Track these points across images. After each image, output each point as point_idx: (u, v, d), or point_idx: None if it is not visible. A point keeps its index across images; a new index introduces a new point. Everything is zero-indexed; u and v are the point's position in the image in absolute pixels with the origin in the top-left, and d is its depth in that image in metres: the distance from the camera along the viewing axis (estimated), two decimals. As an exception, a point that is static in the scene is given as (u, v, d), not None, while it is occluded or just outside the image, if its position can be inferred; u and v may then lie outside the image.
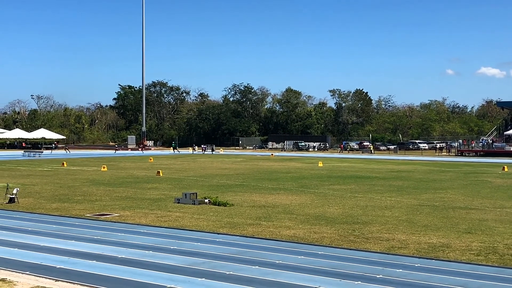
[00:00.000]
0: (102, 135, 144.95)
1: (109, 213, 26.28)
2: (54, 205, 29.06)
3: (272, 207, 28.20)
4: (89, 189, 36.59)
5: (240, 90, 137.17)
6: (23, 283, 14.54)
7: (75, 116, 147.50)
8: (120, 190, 35.99)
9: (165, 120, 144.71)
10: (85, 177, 45.88)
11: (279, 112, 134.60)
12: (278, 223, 23.67)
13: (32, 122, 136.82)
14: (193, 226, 22.95)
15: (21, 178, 43.80)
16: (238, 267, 16.17)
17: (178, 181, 42.07)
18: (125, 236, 20.83)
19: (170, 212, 26.49)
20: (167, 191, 35.44)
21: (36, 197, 32.03)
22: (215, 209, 27.39)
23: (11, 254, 17.72)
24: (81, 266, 16.28)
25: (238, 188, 37.32)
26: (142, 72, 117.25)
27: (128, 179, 43.74)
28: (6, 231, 21.64)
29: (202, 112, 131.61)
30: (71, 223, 23.81)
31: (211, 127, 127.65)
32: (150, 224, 23.36)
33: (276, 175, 47.94)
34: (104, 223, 23.74)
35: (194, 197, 29.34)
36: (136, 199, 31.50)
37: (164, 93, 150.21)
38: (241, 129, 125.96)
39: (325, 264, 16.66)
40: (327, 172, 52.22)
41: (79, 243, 19.51)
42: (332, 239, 20.45)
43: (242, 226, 22.95)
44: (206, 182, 41.63)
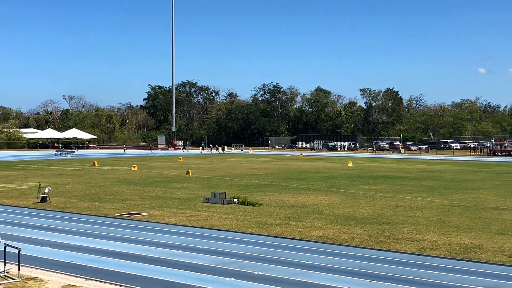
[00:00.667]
0: (132, 135, 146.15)
1: (139, 212, 26.46)
2: (85, 204, 29.37)
3: (301, 207, 28.09)
4: (119, 188, 36.90)
5: (269, 89, 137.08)
6: (54, 282, 14.70)
7: (106, 116, 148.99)
8: (150, 189, 36.23)
9: (194, 120, 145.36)
10: (116, 176, 46.29)
11: (309, 112, 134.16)
12: (307, 223, 23.57)
13: (64, 122, 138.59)
14: (222, 225, 22.97)
15: (53, 178, 44.37)
16: (266, 267, 16.13)
17: (207, 181, 42.19)
18: (154, 235, 20.94)
19: (199, 212, 26.56)
20: (196, 190, 35.56)
21: (68, 196, 32.40)
22: (244, 209, 27.39)
23: (42, 252, 17.93)
24: (111, 265, 16.40)
25: (267, 188, 37.28)
26: (172, 72, 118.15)
27: (158, 179, 44.01)
28: (38, 230, 21.93)
29: (231, 111, 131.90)
30: (102, 222, 24.02)
31: (240, 127, 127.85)
32: (179, 224, 23.45)
33: (305, 175, 47.77)
34: (134, 222, 23.90)
35: (223, 197, 29.38)
36: (166, 198, 31.66)
37: (193, 93, 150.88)
38: (270, 129, 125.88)
39: (355, 264, 16.53)
40: (357, 172, 51.89)
41: (109, 242, 19.67)
42: (362, 239, 20.29)
43: (271, 226, 22.90)
44: (235, 181, 41.67)
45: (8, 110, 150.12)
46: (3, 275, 15.12)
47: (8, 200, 30.82)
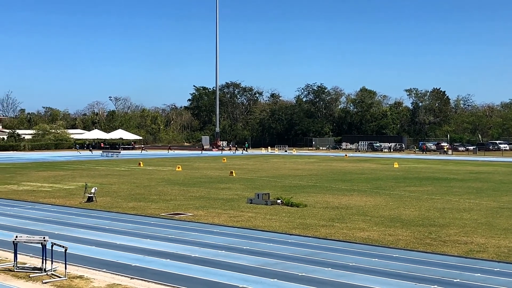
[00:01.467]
0: (177, 135, 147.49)
1: (183, 213, 26.62)
2: (130, 204, 29.71)
3: (346, 209, 27.85)
4: (164, 188, 37.22)
5: (313, 90, 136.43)
6: (99, 280, 14.87)
7: (151, 117, 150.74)
8: (194, 190, 36.44)
9: (238, 121, 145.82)
10: (161, 177, 46.73)
11: (353, 112, 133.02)
12: (352, 224, 23.33)
13: (110, 123, 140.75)
14: (265, 226, 22.93)
15: (99, 178, 45.06)
16: (310, 269, 16.01)
17: (251, 182, 42.22)
18: (198, 235, 21.03)
19: (242, 212, 26.58)
20: (240, 191, 35.60)
21: (113, 196, 32.83)
22: (287, 210, 27.29)
23: (88, 251, 18.18)
24: (155, 264, 16.52)
25: (311, 189, 37.09)
26: (216, 73, 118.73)
27: (202, 179, 44.25)
28: (84, 229, 22.26)
29: (274, 112, 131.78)
30: (147, 222, 24.25)
31: (284, 128, 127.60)
32: (223, 224, 23.50)
33: (350, 176, 47.38)
34: (178, 222, 24.06)
35: (267, 198, 29.33)
36: (210, 199, 31.79)
37: (237, 94, 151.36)
38: (314, 130, 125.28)
39: (400, 267, 16.27)
40: (402, 173, 51.21)
41: (154, 241, 19.83)
42: (408, 241, 19.98)
43: (315, 227, 22.75)
44: (279, 182, 41.58)
45: (56, 111, 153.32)
46: (50, 273, 15.37)
47: (55, 200, 31.41)
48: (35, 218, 25.08)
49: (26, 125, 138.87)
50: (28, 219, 24.94)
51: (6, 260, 16.76)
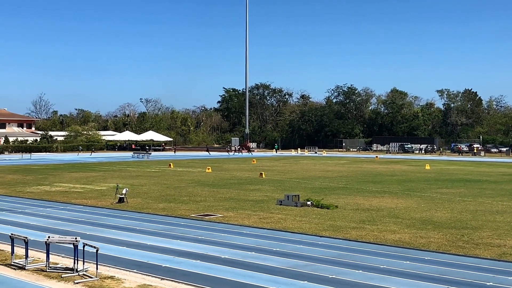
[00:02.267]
0: (207, 137, 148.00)
1: (213, 214, 26.68)
2: (161, 205, 29.88)
3: (377, 211, 27.62)
4: (194, 190, 37.37)
5: (343, 91, 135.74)
6: (130, 281, 14.96)
7: (181, 119, 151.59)
8: (223, 191, 36.51)
9: (268, 122, 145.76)
10: (191, 178, 46.94)
11: (384, 114, 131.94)
12: (383, 227, 23.13)
13: (141, 124, 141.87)
14: (295, 228, 22.85)
15: (130, 179, 45.43)
16: (340, 271, 15.91)
17: (281, 183, 42.15)
18: (228, 236, 21.05)
19: (272, 214, 26.53)
20: (270, 192, 35.57)
21: (144, 197, 33.06)
22: (317, 212, 27.18)
23: (119, 252, 18.32)
24: (185, 265, 16.57)
25: (341, 190, 36.88)
26: (245, 75, 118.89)
27: (232, 181, 44.32)
28: (115, 230, 22.45)
29: (304, 114, 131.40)
30: (177, 223, 24.36)
31: (313, 129, 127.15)
32: (252, 225, 23.49)
33: (381, 178, 47.01)
34: (208, 224, 24.11)
35: (297, 199, 29.25)
36: (239, 200, 31.81)
37: (267, 95, 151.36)
38: (345, 131, 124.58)
39: (432, 270, 16.07)
40: (434, 175, 50.64)
41: (184, 242, 19.90)
42: (440, 244, 19.74)
43: (345, 229, 22.61)
44: (309, 184, 41.44)
45: (88, 113, 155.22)
46: (82, 273, 15.52)
47: (87, 201, 31.75)
48: (67, 219, 25.38)
49: (59, 127, 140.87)
50: (60, 219, 25.25)
51: (38, 260, 16.97)
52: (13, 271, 16.00)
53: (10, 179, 46.15)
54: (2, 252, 18.31)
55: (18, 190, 37.60)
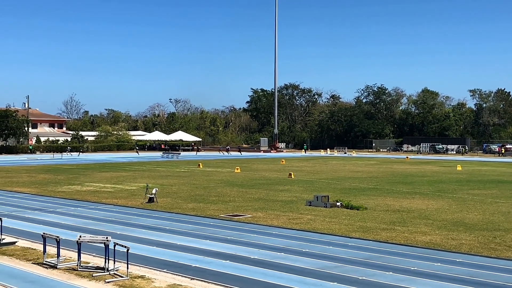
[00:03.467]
0: (235, 137, 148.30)
1: (242, 214, 26.70)
2: (190, 205, 30.00)
3: (407, 212, 27.36)
4: (223, 190, 37.45)
5: (373, 91, 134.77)
6: (160, 281, 15.04)
7: (210, 119, 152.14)
8: (252, 191, 36.52)
9: (297, 122, 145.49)
10: (220, 178, 47.05)
11: (415, 114, 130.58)
12: (413, 228, 22.90)
13: (171, 124, 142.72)
14: (324, 229, 22.75)
15: (159, 179, 45.71)
16: (370, 272, 15.78)
17: (310, 184, 42.02)
18: (257, 237, 21.04)
19: (301, 215, 26.46)
20: (299, 193, 35.47)
21: (174, 197, 33.23)
22: (347, 213, 27.02)
23: (149, 252, 18.43)
24: (215, 265, 16.60)
25: (371, 191, 36.62)
26: (274, 75, 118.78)
27: (261, 181, 44.31)
28: (145, 230, 22.59)
29: (334, 114, 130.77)
30: (206, 223, 24.42)
31: (343, 129, 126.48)
32: (282, 226, 23.44)
33: (411, 179, 46.57)
34: (237, 224, 24.13)
35: (326, 200, 29.12)
36: (268, 200, 31.79)
37: (296, 95, 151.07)
38: (375, 131, 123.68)
39: (463, 272, 15.86)
40: (466, 176, 50.00)
41: (213, 242, 19.94)
42: (471, 246, 19.47)
43: (375, 230, 22.44)
44: (338, 185, 41.24)
45: (118, 113, 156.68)
46: (113, 273, 15.65)
47: (117, 200, 32.02)
48: (97, 218, 25.63)
49: (89, 127, 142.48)
50: (91, 219, 25.51)
51: (70, 259, 17.16)
52: (45, 270, 16.21)
53: (42, 178, 46.80)
54: (34, 251, 18.57)
55: (50, 189, 38.10)
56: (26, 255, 18.05)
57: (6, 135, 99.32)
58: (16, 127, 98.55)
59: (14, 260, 17.36)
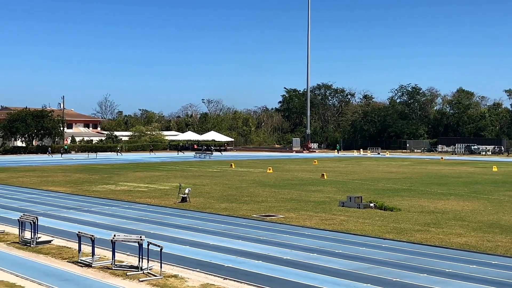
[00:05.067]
0: (268, 137, 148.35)
1: (275, 214, 26.67)
2: (222, 205, 30.08)
3: (442, 213, 27.02)
4: (255, 190, 37.46)
5: (407, 91, 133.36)
6: (193, 280, 15.10)
7: (242, 119, 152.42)
8: (285, 192, 36.46)
9: (329, 123, 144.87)
10: (252, 178, 47.09)
11: (450, 114, 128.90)
12: (448, 230, 22.60)
13: (203, 125, 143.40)
14: (358, 230, 22.60)
15: (192, 179, 45.93)
16: (404, 274, 15.62)
17: (343, 184, 41.78)
18: (289, 237, 20.99)
19: (334, 215, 26.32)
20: (332, 194, 35.30)
21: (206, 197, 33.36)
22: (380, 214, 26.79)
23: (182, 251, 18.53)
24: (247, 265, 16.61)
25: (405, 192, 36.26)
26: (307, 75, 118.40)
27: (293, 181, 44.22)
28: (178, 229, 22.72)
29: (367, 114, 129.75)
30: (238, 223, 24.46)
31: (376, 130, 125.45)
32: (314, 227, 23.35)
33: (446, 180, 45.98)
34: (270, 224, 24.11)
35: (359, 201, 28.92)
36: (301, 201, 31.70)
37: (328, 95, 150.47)
38: (408, 132, 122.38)
39: (499, 274, 15.60)
40: (502, 177, 49.17)
41: (246, 242, 19.95)
42: (507, 248, 19.14)
43: (409, 232, 22.20)
44: (372, 185, 40.93)
45: (151, 113, 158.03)
46: (147, 272, 15.77)
47: (151, 200, 32.27)
48: (131, 218, 25.86)
49: (123, 127, 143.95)
50: (125, 218, 25.75)
51: (104, 258, 17.35)
52: (80, 268, 16.41)
53: (77, 178, 47.43)
54: (70, 249, 18.82)
55: (85, 189, 38.58)
56: (61, 253, 18.30)
57: (42, 135, 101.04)
58: (51, 127, 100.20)
59: (49, 259, 17.62)
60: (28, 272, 15.79)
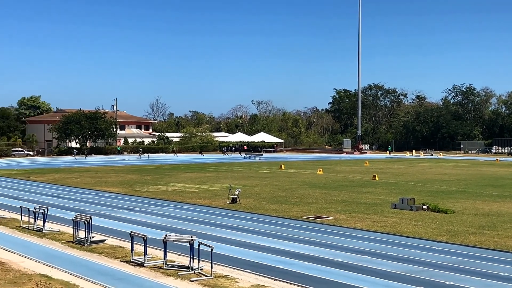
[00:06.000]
0: (318, 138, 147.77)
1: (325, 216, 26.49)
2: (272, 206, 30.05)
3: (497, 216, 26.35)
4: (305, 191, 37.31)
5: (461, 91, 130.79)
6: (244, 281, 15.12)
7: (292, 120, 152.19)
8: (335, 193, 36.20)
9: (381, 124, 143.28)
10: (302, 179, 46.92)
11: (505, 114, 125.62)
12: (504, 232, 22.02)
13: (253, 126, 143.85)
14: (410, 232, 22.23)
15: (242, 180, 46.07)
16: (458, 277, 15.28)
17: (395, 186, 41.22)
18: (340, 239, 20.82)
19: (386, 217, 25.97)
20: (383, 195, 34.87)
21: (256, 198, 33.40)
22: (434, 216, 26.31)
23: (233, 252, 18.58)
24: (298, 267, 16.53)
25: (459, 194, 35.52)
26: (358, 75, 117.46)
27: (344, 183, 43.87)
28: (229, 230, 22.80)
29: (420, 114, 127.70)
30: (289, 224, 24.38)
31: (429, 130, 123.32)
32: (365, 229, 23.09)
33: (502, 182, 44.84)
34: (320, 226, 23.96)
35: (412, 203, 28.46)
36: (352, 203, 31.41)
37: (380, 96, 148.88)
38: (462, 133, 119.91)
39: (560, 280, 15.09)
40: (560, 179, 47.68)
41: (296, 244, 19.87)
42: None
43: (464, 234, 21.72)
44: (424, 187, 40.24)
45: (202, 115, 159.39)
46: (197, 272, 15.87)
47: (201, 201, 32.50)
48: (182, 218, 26.09)
49: (174, 129, 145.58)
50: (176, 218, 26.00)
51: (156, 257, 17.53)
52: (133, 267, 16.63)
53: (129, 178, 48.18)
54: (122, 249, 19.10)
55: (137, 189, 39.15)
56: (114, 252, 18.59)
57: (96, 136, 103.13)
58: (105, 129, 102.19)
59: (103, 258, 17.92)
60: (82, 271, 16.10)
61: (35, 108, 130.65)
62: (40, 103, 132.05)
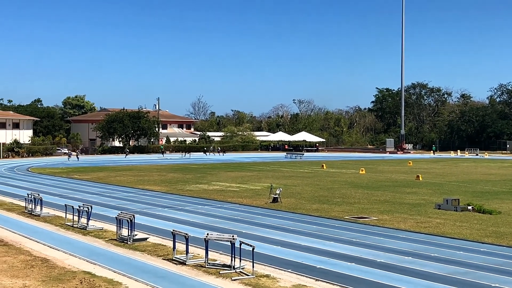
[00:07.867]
0: (360, 138, 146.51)
1: (367, 216, 26.23)
2: (314, 206, 29.90)
3: (545, 217, 25.68)
4: (347, 191, 37.02)
5: (507, 90, 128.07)
6: (285, 280, 15.07)
7: (334, 119, 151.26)
8: (378, 193, 35.82)
9: (424, 123, 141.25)
10: (344, 179, 46.59)
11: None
12: (552, 235, 21.45)
13: (294, 125, 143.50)
14: (454, 233, 21.84)
15: (283, 179, 45.99)
16: (504, 280, 14.94)
17: (439, 186, 40.57)
18: (383, 240, 20.58)
19: (430, 218, 25.57)
20: (427, 196, 34.35)
21: (297, 198, 33.28)
22: (479, 217, 25.79)
23: (274, 251, 18.54)
24: (340, 267, 16.40)
25: (506, 195, 34.75)
26: (401, 74, 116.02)
27: (386, 183, 43.38)
28: (270, 229, 22.76)
29: (465, 114, 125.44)
30: (330, 224, 24.22)
31: (474, 130, 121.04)
32: (409, 230, 22.77)
33: (549, 182, 43.73)
34: (362, 226, 23.73)
35: (456, 204, 27.95)
36: (395, 203, 31.03)
37: (424, 95, 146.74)
38: (509, 132, 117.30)
39: None
40: None
41: (338, 244, 19.73)
42: None
43: (510, 236, 21.23)
44: (469, 188, 39.51)
45: (243, 114, 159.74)
46: (239, 271, 15.88)
47: (242, 200, 32.54)
48: (223, 217, 26.16)
49: (216, 128, 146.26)
50: (218, 217, 26.09)
51: (198, 256, 17.61)
52: (175, 266, 16.74)
53: (171, 177, 48.59)
54: (164, 247, 19.25)
55: (179, 188, 39.44)
56: (156, 251, 18.75)
57: (138, 135, 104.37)
58: (147, 128, 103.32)
59: (145, 256, 18.09)
60: (125, 269, 16.28)
61: (79, 108, 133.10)
62: (84, 103, 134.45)
